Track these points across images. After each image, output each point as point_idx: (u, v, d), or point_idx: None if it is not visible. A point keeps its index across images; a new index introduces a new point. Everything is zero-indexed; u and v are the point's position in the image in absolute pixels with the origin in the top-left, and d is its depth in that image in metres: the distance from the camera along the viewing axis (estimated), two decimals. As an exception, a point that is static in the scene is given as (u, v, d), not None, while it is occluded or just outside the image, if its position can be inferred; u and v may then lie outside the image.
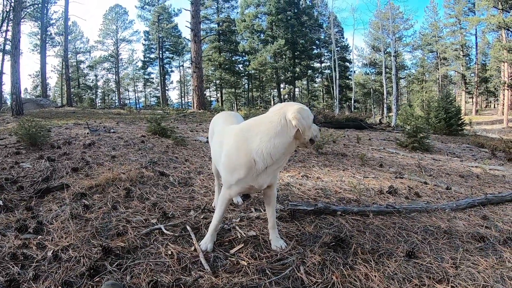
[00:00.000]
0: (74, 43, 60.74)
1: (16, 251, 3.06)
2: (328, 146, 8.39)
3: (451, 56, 56.16)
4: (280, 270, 2.66)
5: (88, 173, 5.34)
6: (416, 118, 11.34)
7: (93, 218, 3.67)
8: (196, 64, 24.63)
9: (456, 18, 54.90)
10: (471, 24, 52.07)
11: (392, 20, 40.74)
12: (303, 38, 54.87)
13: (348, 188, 5.05)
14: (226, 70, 56.85)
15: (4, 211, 4.08)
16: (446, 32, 57.93)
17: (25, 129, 7.16)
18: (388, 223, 3.70)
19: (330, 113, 21.46)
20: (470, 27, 53.59)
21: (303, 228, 3.42)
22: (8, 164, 5.95)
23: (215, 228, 3.04)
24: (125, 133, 9.13)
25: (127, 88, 69.72)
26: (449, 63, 57.55)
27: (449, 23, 56.59)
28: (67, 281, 2.59)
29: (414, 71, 62.85)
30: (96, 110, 25.92)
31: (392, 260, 2.89)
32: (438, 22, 57.99)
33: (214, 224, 3.03)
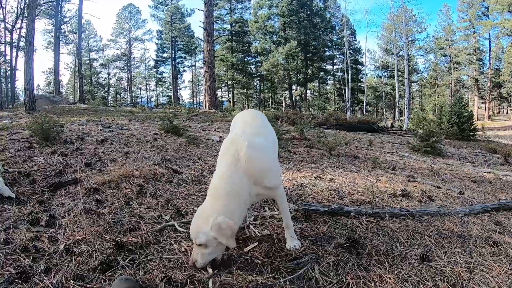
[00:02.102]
0: (87, 41, 61.20)
1: (28, 243, 3.06)
2: (340, 148, 8.35)
3: (464, 61, 55.80)
4: (295, 270, 2.64)
5: (101, 168, 5.34)
6: (429, 122, 11.25)
7: (106, 213, 3.67)
8: (209, 64, 24.66)
9: (470, 22, 54.50)
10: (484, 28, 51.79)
11: (406, 23, 40.50)
12: (315, 40, 54.88)
13: (361, 190, 5.01)
14: (238, 71, 57.00)
15: (16, 204, 4.09)
16: (459, 36, 57.55)
17: (39, 124, 7.20)
18: (401, 226, 3.67)
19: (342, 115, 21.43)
20: (484, 31, 53.27)
21: (317, 228, 3.39)
22: (21, 158, 5.97)
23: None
24: (138, 130, 9.15)
25: (139, 87, 70.13)
26: (462, 67, 57.18)
27: (462, 27, 56.21)
28: (79, 275, 2.58)
29: (426, 75, 62.53)
30: (108, 108, 26.05)
31: (406, 263, 2.86)
32: (451, 26, 57.64)
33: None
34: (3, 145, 7.06)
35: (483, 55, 56.61)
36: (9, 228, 3.41)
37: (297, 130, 10.10)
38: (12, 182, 4.73)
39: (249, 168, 2.70)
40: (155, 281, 2.47)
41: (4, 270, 2.68)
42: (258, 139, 2.93)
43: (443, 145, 11.08)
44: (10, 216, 3.72)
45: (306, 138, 9.60)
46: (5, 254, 2.90)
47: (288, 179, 5.29)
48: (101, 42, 64.89)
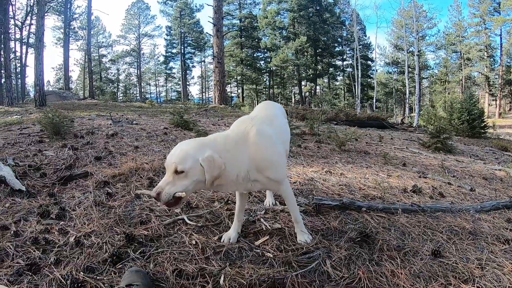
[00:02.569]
0: (96, 37, 61.57)
1: (38, 236, 3.08)
2: (350, 144, 8.32)
3: (475, 57, 55.32)
4: (306, 264, 2.62)
5: (111, 162, 5.37)
6: (439, 118, 11.17)
7: (116, 206, 3.68)
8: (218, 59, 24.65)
9: (481, 18, 53.99)
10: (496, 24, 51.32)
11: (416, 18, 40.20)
12: (325, 35, 54.73)
13: (372, 185, 4.99)
14: (247, 66, 57.04)
15: (27, 196, 4.12)
16: (470, 32, 57.01)
17: (49, 118, 7.24)
18: (413, 222, 3.64)
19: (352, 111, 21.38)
20: (495, 28, 52.77)
21: (328, 222, 3.37)
22: (31, 152, 6.02)
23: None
24: (148, 125, 9.19)
25: (148, 82, 70.43)
26: (472, 64, 56.70)
27: (473, 23, 55.67)
28: (89, 267, 2.59)
29: (437, 71, 62.14)
30: (118, 103, 26.18)
31: (418, 258, 2.84)
32: (462, 22, 57.12)
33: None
34: (14, 139, 7.12)
35: (494, 52, 56.09)
36: (19, 221, 3.43)
37: (307, 126, 10.08)
38: (23, 175, 4.78)
39: (253, 153, 2.63)
40: (165, 274, 2.46)
41: (14, 262, 2.70)
42: (268, 127, 2.86)
43: (453, 142, 10.99)
44: (20, 208, 3.75)
45: (316, 134, 9.57)
46: (15, 246, 2.91)
47: (298, 173, 5.28)
48: (110, 38, 65.39)
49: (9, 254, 2.80)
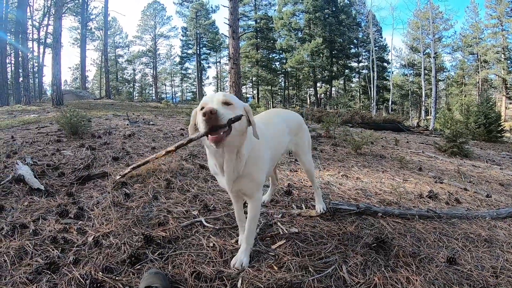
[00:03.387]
0: (113, 38, 62.00)
1: (57, 235, 3.13)
2: (366, 147, 8.28)
3: (492, 59, 54.35)
4: (323, 268, 2.63)
5: (128, 163, 5.41)
6: (456, 122, 11.05)
7: (134, 207, 3.72)
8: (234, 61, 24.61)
9: (498, 19, 53.02)
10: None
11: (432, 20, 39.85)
12: (340, 36, 54.42)
13: (388, 190, 4.96)
14: (263, 67, 56.93)
15: (45, 195, 4.19)
16: (487, 34, 55.90)
17: (67, 118, 7.32)
18: (428, 228, 3.62)
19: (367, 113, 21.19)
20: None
21: (344, 227, 3.36)
22: (49, 151, 6.10)
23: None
24: (164, 125, 9.25)
25: (164, 83, 70.71)
26: (489, 66, 55.71)
27: (490, 24, 54.63)
28: (108, 267, 2.62)
29: (453, 74, 61.35)
30: (133, 103, 26.37)
31: (433, 265, 2.82)
32: (479, 23, 56.20)
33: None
34: (32, 138, 7.22)
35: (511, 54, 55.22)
36: (38, 219, 3.49)
37: (323, 128, 10.04)
38: (41, 175, 4.84)
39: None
40: (184, 276, 2.48)
41: (33, 260, 2.75)
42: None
43: (470, 146, 10.87)
44: (39, 207, 3.81)
45: (333, 136, 9.54)
46: (34, 244, 2.97)
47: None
48: (126, 39, 65.80)
49: (28, 253, 2.86)
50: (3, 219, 3.51)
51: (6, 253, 2.84)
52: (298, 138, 3.49)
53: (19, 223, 3.37)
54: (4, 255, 2.81)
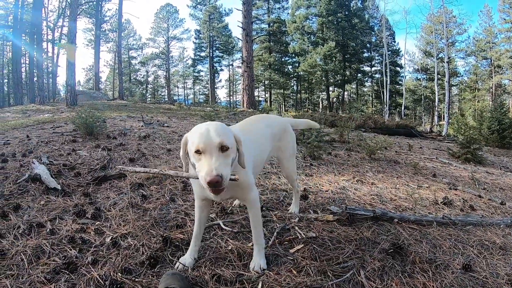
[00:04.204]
0: (127, 40, 62.36)
1: (74, 235, 3.15)
2: (380, 153, 8.24)
3: (506, 64, 53.63)
4: (341, 273, 2.63)
5: (144, 164, 5.46)
6: (470, 128, 10.95)
7: (152, 209, 3.74)
8: (247, 64, 24.73)
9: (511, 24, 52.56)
10: (527, 31, 50.00)
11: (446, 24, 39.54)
12: (353, 40, 54.18)
13: (403, 196, 4.95)
14: (275, 71, 56.89)
15: (61, 195, 4.23)
16: (500, 38, 55.05)
17: (82, 118, 7.38)
18: (444, 234, 3.61)
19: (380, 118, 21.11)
20: (527, 33, 51.38)
21: (361, 233, 3.36)
22: (65, 151, 6.16)
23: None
24: (179, 127, 9.29)
25: (176, 85, 70.94)
26: (503, 71, 55.07)
27: (503, 29, 53.90)
28: (127, 268, 2.63)
29: (466, 79, 60.76)
30: (147, 104, 26.50)
31: (449, 272, 2.81)
32: (492, 27, 55.53)
33: None
34: (47, 137, 7.30)
35: (525, 59, 54.53)
36: (55, 219, 3.52)
37: (337, 132, 10.03)
38: (57, 174, 4.89)
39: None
40: (205, 278, 2.49)
41: (50, 259, 2.77)
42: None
43: (483, 152, 10.77)
44: (55, 207, 3.85)
45: (347, 141, 9.52)
46: (51, 244, 2.99)
47: (330, 181, 5.28)
48: (140, 41, 66.13)
49: (45, 252, 2.88)
50: (19, 218, 3.55)
51: (23, 251, 2.86)
52: (281, 144, 3.48)
53: (35, 222, 3.40)
54: (21, 253, 2.83)
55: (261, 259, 2.69)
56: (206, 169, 2.09)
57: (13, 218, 3.52)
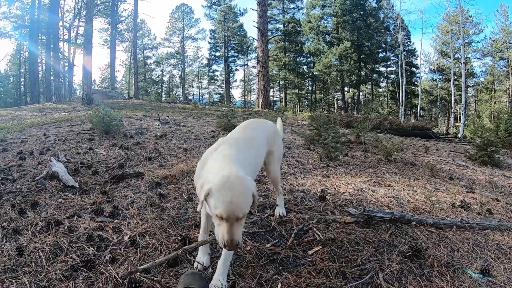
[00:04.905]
0: (142, 40, 62.72)
1: (92, 232, 3.18)
2: (397, 154, 8.18)
3: (523, 65, 52.96)
4: (360, 276, 2.62)
5: (162, 163, 5.48)
6: (487, 130, 10.80)
7: (169, 208, 3.75)
8: (263, 64, 24.69)
9: (528, 23, 51.65)
10: (544, 30, 49.19)
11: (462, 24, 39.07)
12: (369, 41, 53.79)
13: (420, 199, 4.90)
14: (290, 71, 56.76)
15: (79, 193, 4.27)
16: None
17: (99, 117, 7.42)
18: (461, 238, 3.57)
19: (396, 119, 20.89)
20: (544, 33, 50.54)
21: (379, 235, 3.34)
22: (82, 149, 6.21)
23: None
24: (195, 127, 9.33)
25: (191, 84, 71.12)
26: (521, 72, 54.32)
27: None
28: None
29: (483, 80, 59.91)
30: (162, 104, 26.66)
31: (467, 276, 2.79)
32: (509, 27, 54.65)
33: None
34: (65, 136, 7.36)
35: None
36: (73, 216, 3.56)
37: (353, 133, 9.97)
38: (75, 172, 4.93)
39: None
40: (224, 278, 2.49)
41: (68, 257, 2.79)
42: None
43: (500, 155, 10.62)
44: (73, 204, 3.88)
45: (363, 142, 9.47)
46: (69, 241, 3.02)
47: (347, 183, 5.25)
48: (155, 41, 66.43)
49: (63, 249, 2.91)
50: (37, 215, 3.59)
51: (41, 248, 2.89)
52: (273, 148, 3.50)
53: (53, 219, 3.43)
54: (39, 250, 2.87)
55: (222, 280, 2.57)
56: (226, 237, 2.22)
57: (31, 215, 3.56)
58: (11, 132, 8.52)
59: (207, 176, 2.44)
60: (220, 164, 2.52)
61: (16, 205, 3.80)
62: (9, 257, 2.78)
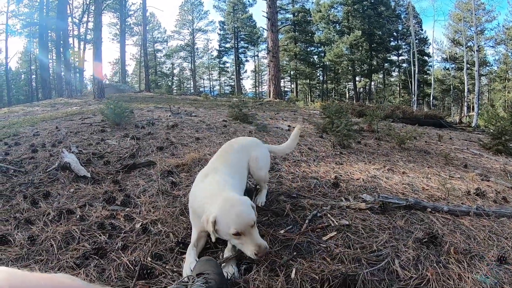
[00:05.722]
0: (151, 33, 62.85)
1: (104, 221, 3.19)
2: (410, 142, 8.11)
3: (537, 53, 52.12)
4: (375, 262, 2.58)
5: (173, 152, 5.49)
6: (501, 119, 10.66)
7: (181, 195, 3.75)
8: (273, 54, 24.62)
9: (542, 10, 50.78)
10: (558, 16, 48.36)
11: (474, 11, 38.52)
12: (380, 29, 53.27)
13: (435, 186, 4.83)
14: (301, 61, 56.57)
15: (91, 183, 4.29)
16: (531, 26, 53.44)
17: (111, 109, 7.45)
18: (478, 225, 3.49)
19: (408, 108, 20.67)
20: (558, 20, 49.64)
21: (394, 221, 3.29)
22: (94, 141, 6.24)
23: None
24: (206, 117, 9.34)
25: (201, 76, 71.23)
26: (534, 60, 53.47)
27: (534, 16, 52.20)
28: (157, 254, 2.65)
29: (496, 68, 59.08)
30: (173, 96, 26.73)
31: (484, 264, 2.72)
32: (522, 14, 53.66)
33: None
34: (76, 128, 7.41)
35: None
36: (84, 206, 3.58)
37: (366, 122, 9.93)
38: (87, 163, 4.96)
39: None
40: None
41: (80, 245, 2.81)
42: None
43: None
44: (85, 194, 3.91)
45: (376, 130, 9.42)
46: (81, 230, 3.03)
47: (361, 170, 5.20)
48: (165, 34, 66.54)
49: (75, 238, 2.92)
50: (49, 205, 3.62)
51: (52, 237, 2.91)
52: (252, 154, 3.64)
53: (65, 208, 3.45)
54: (50, 239, 2.88)
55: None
56: (256, 248, 2.37)
57: (43, 205, 3.59)
58: (23, 126, 8.62)
59: (207, 209, 2.58)
60: (212, 192, 2.71)
61: (28, 196, 3.83)
62: (21, 246, 2.80)
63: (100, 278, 2.39)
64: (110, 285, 2.30)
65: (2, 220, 3.29)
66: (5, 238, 2.90)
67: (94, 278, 2.38)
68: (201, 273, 2.16)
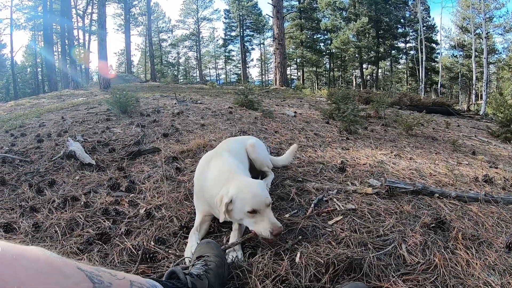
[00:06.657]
0: (156, 23, 62.84)
1: (108, 207, 3.20)
2: (417, 129, 8.08)
3: (547, 41, 51.52)
4: (382, 246, 2.55)
5: (178, 139, 5.49)
6: (510, 106, 10.58)
7: (186, 181, 3.75)
8: (279, 41, 24.47)
9: (551, -4, 50.00)
10: None
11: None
12: (387, 16, 52.82)
13: (442, 172, 4.80)
14: (307, 48, 56.29)
15: (96, 170, 4.31)
16: (540, 12, 52.75)
17: (116, 97, 7.46)
18: (486, 212, 3.44)
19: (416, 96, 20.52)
20: None
21: (401, 206, 3.25)
22: (99, 129, 6.26)
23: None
24: (212, 104, 9.33)
25: (207, 65, 71.19)
26: (544, 49, 52.87)
27: (544, 3, 51.47)
28: (160, 238, 2.66)
29: (504, 56, 58.49)
30: (179, 85, 26.78)
31: (493, 250, 2.68)
32: (532, 1, 52.95)
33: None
34: (82, 118, 7.45)
35: None
36: (89, 192, 3.60)
37: (372, 108, 9.90)
38: (92, 151, 4.98)
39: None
40: (239, 248, 2.48)
41: (84, 231, 2.83)
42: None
43: (524, 132, 10.42)
44: (90, 181, 3.93)
45: (382, 117, 9.38)
46: (85, 216, 3.05)
47: (368, 155, 5.18)
48: (170, 23, 66.52)
49: (79, 224, 2.94)
50: (54, 193, 3.64)
51: (57, 224, 2.92)
52: (248, 142, 3.79)
53: (70, 196, 3.47)
54: (55, 226, 2.90)
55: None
56: (271, 226, 2.38)
57: (48, 193, 3.61)
58: (29, 118, 8.69)
59: (220, 189, 2.60)
60: (224, 175, 2.78)
61: (33, 185, 3.85)
62: (25, 233, 2.83)
63: (103, 263, 2.39)
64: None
65: (8, 209, 3.32)
66: (10, 226, 2.92)
67: (97, 262, 2.38)
68: (201, 256, 2.16)
